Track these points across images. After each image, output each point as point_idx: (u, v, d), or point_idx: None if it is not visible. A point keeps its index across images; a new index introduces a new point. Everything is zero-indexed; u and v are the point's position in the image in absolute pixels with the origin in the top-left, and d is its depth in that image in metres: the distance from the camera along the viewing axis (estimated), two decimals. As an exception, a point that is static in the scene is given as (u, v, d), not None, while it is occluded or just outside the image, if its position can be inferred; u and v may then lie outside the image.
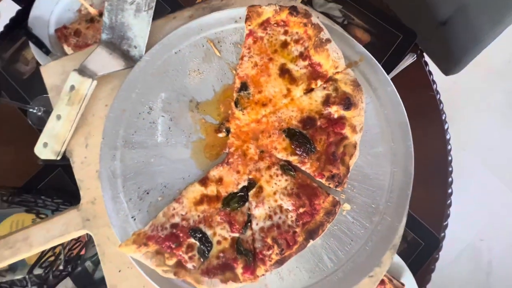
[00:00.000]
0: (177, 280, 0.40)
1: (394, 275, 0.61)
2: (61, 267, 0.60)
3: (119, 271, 0.43)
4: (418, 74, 0.72)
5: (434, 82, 0.72)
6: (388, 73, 0.69)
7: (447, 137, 0.70)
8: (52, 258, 0.55)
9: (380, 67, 0.44)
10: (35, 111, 0.73)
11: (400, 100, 0.43)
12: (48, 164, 0.70)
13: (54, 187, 0.70)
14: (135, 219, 0.42)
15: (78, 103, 0.43)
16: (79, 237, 0.63)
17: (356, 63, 0.44)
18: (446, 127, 0.71)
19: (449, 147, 0.70)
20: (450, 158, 0.70)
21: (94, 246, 0.68)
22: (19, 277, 0.58)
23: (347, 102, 0.40)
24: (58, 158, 0.45)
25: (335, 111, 0.41)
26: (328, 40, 0.41)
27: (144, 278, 0.41)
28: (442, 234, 0.67)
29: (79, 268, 0.67)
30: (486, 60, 1.68)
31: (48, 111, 0.74)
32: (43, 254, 0.52)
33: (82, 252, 0.66)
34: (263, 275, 0.39)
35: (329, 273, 0.40)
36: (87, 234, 0.62)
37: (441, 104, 0.71)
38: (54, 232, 0.44)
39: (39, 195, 0.62)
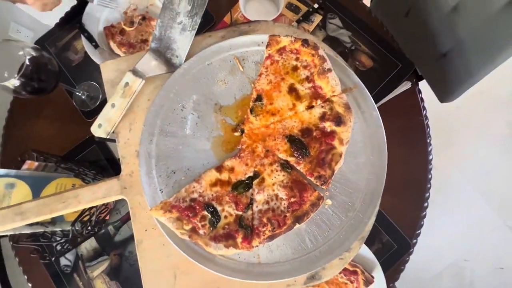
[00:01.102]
0: (189, 242, 0.52)
1: (366, 269, 0.72)
2: (89, 228, 0.73)
3: (145, 230, 0.55)
4: (411, 100, 0.82)
5: (424, 108, 0.83)
6: (384, 97, 0.80)
7: (429, 157, 0.80)
8: (87, 218, 0.68)
9: (369, 95, 0.54)
10: (79, 94, 0.86)
11: (382, 123, 0.53)
12: (88, 140, 0.83)
13: (89, 160, 0.83)
14: (162, 192, 0.54)
15: (129, 96, 0.55)
16: (106, 204, 0.76)
17: (350, 89, 0.55)
18: (429, 149, 0.81)
19: (430, 166, 0.80)
20: (430, 176, 0.80)
21: (117, 214, 0.82)
22: (57, 229, 0.71)
23: (339, 120, 0.51)
24: (108, 137, 0.57)
25: (328, 125, 0.52)
26: (329, 70, 0.52)
27: (164, 237, 0.53)
28: (414, 241, 0.77)
29: (103, 231, 0.80)
30: (492, 89, 1.75)
31: (90, 95, 0.87)
32: (82, 212, 0.65)
33: (107, 218, 0.79)
34: (257, 246, 0.50)
35: (309, 252, 0.51)
36: (113, 202, 0.75)
37: (428, 128, 0.82)
38: (98, 194, 0.56)
39: (79, 165, 0.75)
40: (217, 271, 0.51)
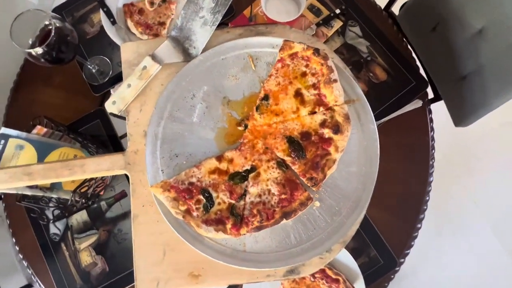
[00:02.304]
0: (182, 222, 0.64)
1: (349, 279, 0.84)
2: (84, 200, 0.86)
3: (143, 206, 0.67)
4: (420, 119, 0.93)
5: (432, 129, 0.93)
6: (394, 111, 0.90)
7: (430, 179, 0.91)
8: (85, 189, 0.80)
9: (370, 108, 0.65)
10: (90, 67, 0.99)
11: (377, 137, 0.65)
12: (93, 113, 0.96)
13: (91, 134, 0.96)
14: (163, 172, 0.66)
15: (145, 79, 0.67)
16: (103, 180, 0.88)
17: (353, 101, 0.67)
18: (431, 171, 0.91)
19: (429, 188, 0.91)
20: (427, 198, 0.91)
21: (112, 191, 0.94)
22: (54, 196, 0.83)
23: (337, 129, 0.63)
24: (119, 114, 0.69)
25: (327, 132, 0.64)
26: (335, 80, 0.64)
27: (159, 215, 0.65)
28: (402, 260, 0.88)
29: (95, 205, 0.93)
30: (522, 118, 1.84)
31: (100, 70, 1.00)
32: (83, 182, 0.77)
33: (102, 193, 0.92)
34: (244, 234, 0.61)
35: (291, 247, 0.63)
36: (109, 178, 0.88)
37: (433, 150, 0.92)
38: (103, 166, 0.68)
39: (83, 137, 0.88)
40: (204, 252, 0.62)
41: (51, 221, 0.83)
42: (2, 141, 0.77)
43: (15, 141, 0.76)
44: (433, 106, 1.15)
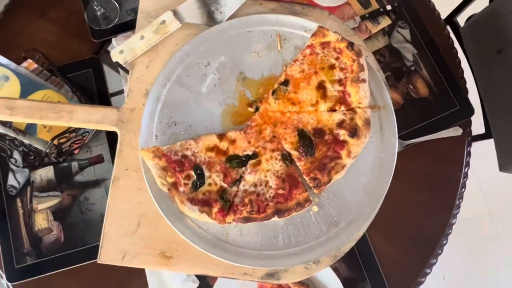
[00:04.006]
0: (166, 195, 0.78)
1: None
2: (56, 153, 1.00)
3: (126, 169, 0.81)
4: (456, 149, 1.07)
5: (467, 164, 1.07)
6: (428, 134, 1.04)
7: (452, 221, 1.04)
8: (63, 140, 0.95)
9: (395, 120, 0.79)
10: (96, 8, 1.14)
11: (396, 153, 0.78)
12: (87, 61, 1.12)
13: (79, 84, 1.11)
14: (157, 138, 0.81)
15: (162, 35, 0.82)
16: (83, 135, 1.03)
17: (378, 107, 0.81)
18: (456, 212, 1.05)
19: (449, 230, 1.04)
20: (445, 241, 1.04)
21: (87, 152, 1.09)
22: (26, 141, 0.98)
23: (354, 132, 0.77)
24: (123, 65, 0.84)
25: (342, 134, 0.78)
26: (363, 80, 0.78)
27: (142, 183, 0.79)
28: (399, 305, 1.01)
29: (65, 164, 1.07)
30: None
31: (106, 14, 1.15)
32: (64, 132, 0.92)
33: (76, 151, 1.06)
34: (229, 222, 0.75)
35: (277, 249, 0.76)
36: (89, 137, 1.02)
37: (463, 189, 1.06)
38: (93, 117, 0.83)
39: (72, 83, 1.03)
40: (182, 232, 0.76)
41: (21, 166, 0.98)
42: (-13, 67, 0.92)
43: (2, 70, 0.91)
44: (478, 143, 1.30)
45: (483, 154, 1.38)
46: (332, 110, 0.80)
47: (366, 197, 0.78)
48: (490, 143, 1.32)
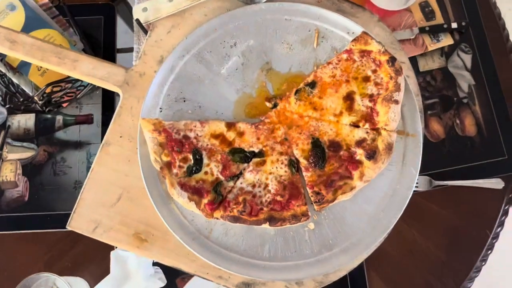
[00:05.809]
0: (156, 173, 0.97)
1: None
2: (41, 103, 1.21)
3: (120, 136, 1.01)
4: (492, 204, 1.23)
5: (501, 224, 1.23)
6: (464, 179, 1.21)
7: (467, 284, 1.21)
8: (57, 89, 1.15)
9: (421, 152, 0.98)
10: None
11: (412, 188, 0.96)
12: (101, 7, 1.32)
13: (86, 29, 1.31)
14: (161, 111, 1.00)
15: (192, 1, 1.02)
16: (78, 89, 1.23)
17: (407, 134, 0.99)
18: (474, 275, 1.22)
19: (462, 294, 1.21)
20: (456, 306, 1.21)
21: (77, 108, 1.29)
22: (15, 80, 1.19)
23: (372, 154, 0.95)
24: (144, 24, 1.04)
25: (360, 153, 0.96)
26: (396, 101, 0.97)
27: (134, 154, 0.98)
28: None
29: (49, 116, 1.28)
30: None
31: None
32: (61, 80, 1.13)
33: (64, 105, 1.27)
34: (217, 218, 0.94)
35: (261, 259, 0.94)
36: (84, 90, 1.22)
37: (490, 251, 1.22)
38: (98, 72, 1.03)
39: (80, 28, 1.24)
40: (164, 217, 0.95)
41: (2, 104, 1.19)
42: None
43: (11, -2, 1.12)
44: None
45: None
46: (355, 125, 0.98)
47: (368, 227, 0.96)
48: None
